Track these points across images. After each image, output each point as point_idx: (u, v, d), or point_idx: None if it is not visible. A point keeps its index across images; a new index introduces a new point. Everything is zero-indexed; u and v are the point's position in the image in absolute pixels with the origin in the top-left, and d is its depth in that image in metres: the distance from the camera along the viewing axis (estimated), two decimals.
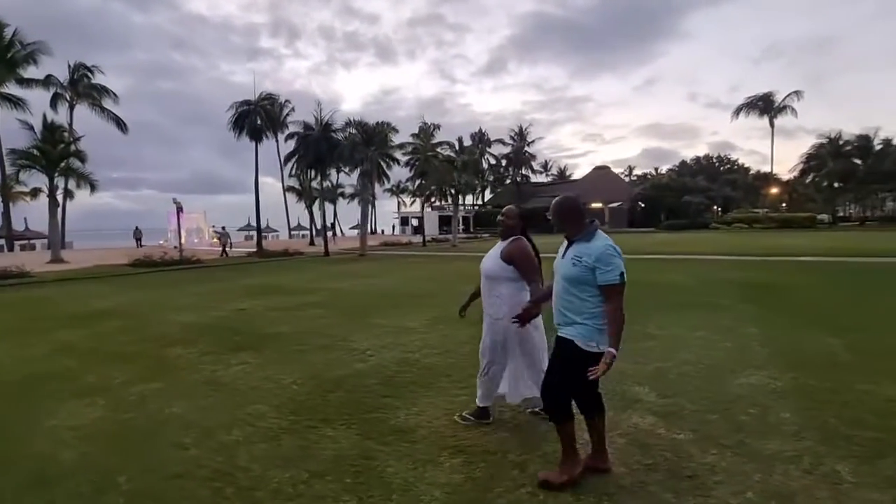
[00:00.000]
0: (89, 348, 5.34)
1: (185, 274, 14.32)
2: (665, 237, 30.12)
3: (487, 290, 3.03)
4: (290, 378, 4.12)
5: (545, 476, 2.38)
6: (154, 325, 6.53)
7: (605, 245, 2.22)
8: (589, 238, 2.27)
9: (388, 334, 5.64)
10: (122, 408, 3.53)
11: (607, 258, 2.18)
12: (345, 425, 3.13)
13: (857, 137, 42.80)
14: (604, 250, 2.20)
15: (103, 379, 4.21)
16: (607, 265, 2.18)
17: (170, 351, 5.13)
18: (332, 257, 19.78)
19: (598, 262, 2.19)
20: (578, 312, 2.27)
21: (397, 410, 3.36)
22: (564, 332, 2.33)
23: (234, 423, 3.21)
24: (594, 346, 2.24)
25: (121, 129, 33.65)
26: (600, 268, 2.18)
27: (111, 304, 8.42)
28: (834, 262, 12.86)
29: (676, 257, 15.64)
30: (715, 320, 5.99)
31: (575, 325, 2.28)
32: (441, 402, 3.47)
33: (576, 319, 2.27)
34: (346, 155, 18.09)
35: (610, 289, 2.19)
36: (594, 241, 2.25)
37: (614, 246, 2.23)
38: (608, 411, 3.21)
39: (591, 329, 2.25)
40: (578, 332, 2.26)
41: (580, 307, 2.26)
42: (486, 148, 56.00)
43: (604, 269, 2.18)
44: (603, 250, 2.20)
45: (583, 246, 2.26)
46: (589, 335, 2.25)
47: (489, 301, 3.02)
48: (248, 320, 6.73)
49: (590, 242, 2.26)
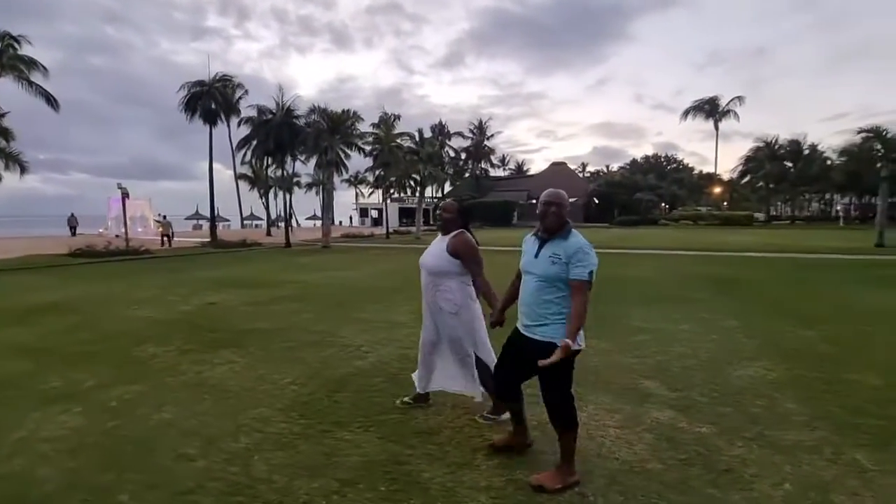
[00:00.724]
0: (43, 348, 4.79)
1: (135, 265, 13.29)
2: (620, 232, 31.31)
3: (433, 285, 2.95)
4: (286, 378, 3.85)
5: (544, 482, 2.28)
6: (114, 321, 5.97)
7: (582, 242, 2.25)
8: (566, 236, 2.28)
9: (377, 329, 5.44)
10: (105, 415, 3.16)
11: (583, 255, 2.21)
12: (362, 428, 2.94)
13: (789, 142, 46.28)
14: (580, 247, 2.23)
15: (70, 382, 3.77)
16: (581, 261, 2.20)
17: (141, 350, 4.68)
18: (293, 248, 19.04)
19: (572, 258, 2.21)
20: (557, 312, 2.25)
21: (414, 410, 3.21)
22: (541, 334, 2.28)
23: (238, 429, 2.94)
24: (577, 344, 2.23)
25: (51, 106, 30.73)
26: (574, 263, 2.20)
27: (57, 298, 7.64)
28: (780, 258, 13.83)
29: (637, 252, 16.24)
30: (693, 313, 6.22)
31: (553, 325, 2.26)
32: (456, 401, 3.35)
33: (553, 320, 2.26)
34: (311, 143, 17.37)
35: (579, 284, 2.21)
36: (570, 239, 2.27)
37: (589, 245, 2.25)
38: (627, 406, 3.27)
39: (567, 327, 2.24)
40: (558, 333, 2.23)
41: (556, 307, 2.25)
42: (447, 140, 56.01)
43: (577, 264, 2.20)
44: (580, 247, 2.22)
45: (559, 244, 2.26)
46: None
47: (440, 296, 2.93)
48: (221, 315, 6.29)
49: (567, 240, 2.26)
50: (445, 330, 2.97)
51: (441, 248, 2.94)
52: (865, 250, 15.70)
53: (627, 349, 4.60)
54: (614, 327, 5.45)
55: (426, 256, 3.01)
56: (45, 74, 32.98)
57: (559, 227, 2.29)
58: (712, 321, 5.78)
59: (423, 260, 3.04)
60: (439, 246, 2.97)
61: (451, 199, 3.38)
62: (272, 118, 17.76)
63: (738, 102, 42.90)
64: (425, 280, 3.00)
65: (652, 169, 63.40)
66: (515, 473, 2.43)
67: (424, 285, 3.02)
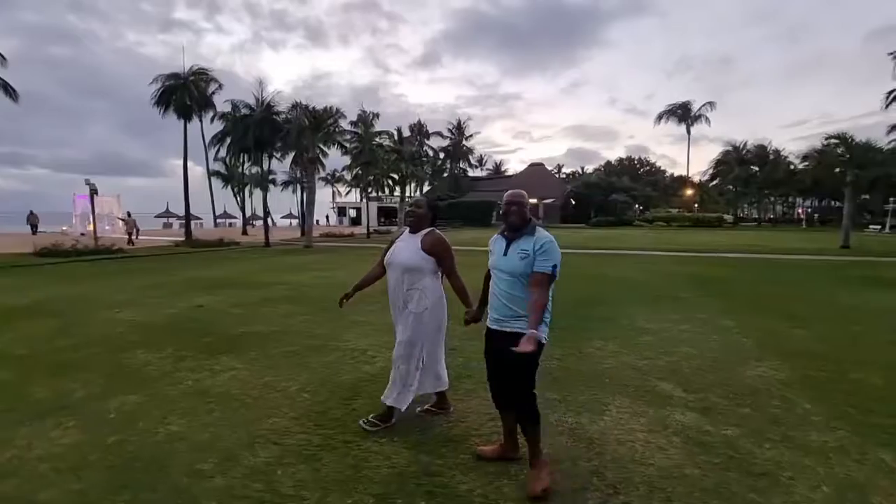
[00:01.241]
0: (23, 356, 4.46)
1: (109, 265, 12.66)
2: (598, 233, 31.83)
3: (407, 283, 2.86)
4: (294, 385, 3.69)
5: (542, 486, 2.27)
6: (96, 326, 5.63)
7: (547, 238, 2.33)
8: (532, 233, 2.36)
9: (379, 332, 5.29)
10: (103, 428, 2.94)
11: (548, 249, 2.29)
12: (387, 438, 2.83)
13: (755, 147, 48.08)
14: (546, 241, 2.31)
15: (59, 393, 3.51)
16: (546, 255, 2.28)
17: (131, 356, 4.42)
18: (274, 248, 18.55)
19: (538, 252, 2.29)
20: (523, 307, 2.31)
21: (435, 418, 3.11)
22: (513, 327, 2.34)
23: (254, 441, 2.78)
24: (544, 338, 2.30)
25: (10, 97, 29.23)
26: (539, 256, 2.28)
27: (29, 301, 7.18)
28: (754, 259, 14.28)
29: (617, 252, 16.50)
30: (689, 313, 6.31)
31: (521, 319, 2.31)
32: (478, 406, 3.27)
33: (521, 314, 2.32)
34: (292, 140, 16.94)
35: (541, 277, 2.28)
36: (536, 234, 2.35)
37: (553, 240, 2.34)
38: (649, 409, 3.25)
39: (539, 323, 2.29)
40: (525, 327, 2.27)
41: (523, 302, 2.31)
42: (425, 140, 55.79)
43: (542, 258, 2.28)
44: (545, 241, 2.31)
45: (527, 240, 2.34)
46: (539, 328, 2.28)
47: (409, 295, 2.86)
48: (213, 319, 6.02)
49: (533, 236, 2.35)
50: (406, 332, 2.88)
51: (415, 245, 2.87)
52: (831, 251, 16.41)
53: (634, 350, 4.61)
54: (618, 328, 5.47)
55: (398, 254, 2.91)
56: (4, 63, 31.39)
57: (522, 225, 2.38)
58: (708, 321, 5.87)
59: (393, 258, 2.92)
60: (411, 243, 2.89)
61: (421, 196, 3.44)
62: (251, 114, 17.22)
63: (709, 108, 44.29)
64: (396, 278, 2.91)
65: (626, 171, 64.80)
66: (553, 483, 2.37)
67: (394, 284, 2.92)
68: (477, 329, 2.83)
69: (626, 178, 53.78)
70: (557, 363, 4.22)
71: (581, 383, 3.73)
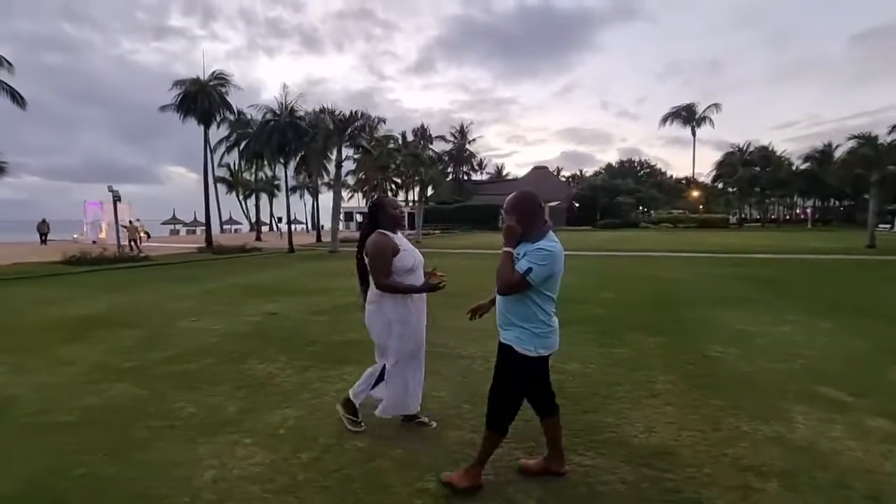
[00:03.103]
0: (133, 368, 4.29)
1: (144, 273, 12.43)
2: (609, 235, 31.87)
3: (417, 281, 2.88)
4: (440, 393, 3.56)
5: (449, 478, 2.32)
6: (184, 336, 5.46)
7: (541, 245, 2.12)
8: (538, 239, 2.15)
9: (481, 338, 5.15)
10: (285, 446, 2.78)
11: (535, 253, 2.09)
12: (592, 451, 2.70)
13: (757, 148, 48.46)
14: (537, 247, 2.11)
15: (208, 408, 3.34)
16: (529, 259, 2.09)
17: (250, 367, 4.26)
18: (298, 254, 18.35)
19: (527, 253, 2.11)
20: (516, 315, 2.21)
21: (623, 426, 2.99)
22: (504, 337, 2.28)
23: (451, 454, 2.64)
24: (532, 350, 2.20)
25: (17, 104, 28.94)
26: (524, 257, 2.11)
27: (94, 311, 6.98)
28: (790, 259, 14.20)
29: (646, 254, 16.46)
30: (775, 315, 6.23)
31: (513, 328, 2.23)
32: (653, 415, 3.16)
33: (514, 322, 2.22)
34: (320, 144, 16.78)
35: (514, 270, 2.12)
36: (540, 242, 2.14)
37: (551, 251, 2.11)
38: (835, 416, 3.15)
39: (528, 333, 2.20)
40: (515, 337, 2.21)
41: (518, 310, 2.21)
42: (428, 144, 55.78)
43: (525, 259, 2.10)
44: (537, 247, 2.11)
45: (528, 245, 2.15)
46: (526, 339, 2.20)
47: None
48: (298, 327, 5.86)
49: (534, 243, 2.14)
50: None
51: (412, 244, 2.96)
52: (859, 251, 16.44)
53: (759, 354, 4.52)
54: (721, 331, 5.38)
55: (417, 255, 2.90)
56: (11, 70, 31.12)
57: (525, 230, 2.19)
58: (803, 323, 5.78)
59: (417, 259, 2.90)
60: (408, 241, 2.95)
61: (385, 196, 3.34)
62: (276, 119, 17.05)
63: (714, 109, 44.61)
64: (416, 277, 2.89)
65: (627, 173, 65.11)
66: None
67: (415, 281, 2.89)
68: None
69: (630, 180, 53.96)
70: (693, 368, 4.12)
71: (737, 389, 3.62)
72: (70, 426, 3.07)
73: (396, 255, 2.78)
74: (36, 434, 2.96)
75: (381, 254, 2.77)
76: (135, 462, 2.62)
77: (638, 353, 4.59)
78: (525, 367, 2.23)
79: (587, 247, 20.02)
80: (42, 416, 3.22)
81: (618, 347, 4.78)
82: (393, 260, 2.76)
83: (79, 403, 3.45)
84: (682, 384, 3.74)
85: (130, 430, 3.02)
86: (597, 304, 7.14)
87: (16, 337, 5.46)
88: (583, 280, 10.02)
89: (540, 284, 2.12)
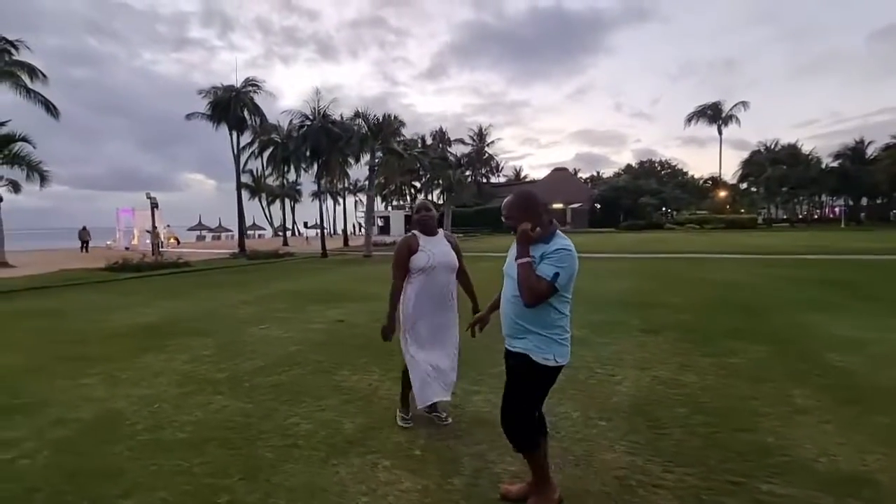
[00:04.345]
0: (223, 380, 4.11)
1: (188, 279, 12.44)
2: (638, 237, 31.27)
3: (451, 282, 3.00)
4: (568, 408, 3.31)
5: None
6: (257, 344, 5.28)
7: (560, 247, 1.98)
8: (548, 240, 2.01)
9: (577, 343, 4.91)
10: (430, 469, 2.55)
11: (558, 256, 1.95)
12: (777, 478, 2.41)
13: (786, 147, 47.25)
14: (557, 249, 1.97)
15: (320, 424, 3.14)
16: (550, 260, 1.95)
17: (344, 378, 4.05)
18: (333, 259, 18.27)
19: (546, 257, 1.96)
20: (532, 322, 2.03)
21: (793, 448, 2.69)
22: (516, 346, 2.09)
23: (623, 489, 2.39)
24: (551, 359, 2.02)
25: (51, 114, 29.62)
26: (545, 261, 1.96)
27: (156, 319, 6.88)
28: (852, 260, 13.39)
29: (688, 256, 15.94)
30: (873, 320, 5.83)
31: (528, 336, 2.04)
32: (816, 435, 2.86)
33: (530, 329, 2.04)
34: (356, 148, 16.69)
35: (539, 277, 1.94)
36: (552, 243, 2.00)
37: (571, 250, 1.98)
38: None
39: (546, 340, 2.03)
40: (533, 345, 2.03)
41: (534, 316, 2.02)
42: (447, 147, 55.68)
43: (546, 262, 1.95)
44: (556, 249, 1.97)
45: (540, 247, 2.01)
46: (545, 347, 2.03)
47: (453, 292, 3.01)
48: (373, 335, 5.63)
49: (548, 244, 2.00)
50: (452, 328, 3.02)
51: (447, 245, 3.00)
52: None
53: (888, 364, 4.17)
54: (823, 338, 5.02)
55: (442, 256, 2.94)
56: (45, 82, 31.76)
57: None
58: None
59: (439, 260, 2.92)
60: (441, 244, 2.99)
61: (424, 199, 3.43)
62: (310, 123, 17.02)
63: (741, 108, 43.51)
64: (445, 279, 2.95)
65: (650, 174, 64.13)
66: None
67: (443, 285, 2.94)
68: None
69: (654, 181, 53.09)
70: (824, 380, 3.80)
71: (893, 404, 3.30)
72: (189, 444, 2.90)
73: (414, 254, 2.90)
74: (157, 453, 2.79)
75: (396, 254, 2.96)
76: (276, 486, 2.43)
77: (752, 363, 4.28)
78: (543, 378, 2.07)
79: (624, 249, 19.60)
80: (157, 433, 3.05)
81: (726, 357, 4.47)
82: (410, 259, 2.89)
83: (187, 418, 3.28)
84: (824, 398, 3.43)
85: (254, 450, 2.83)
86: (671, 308, 6.82)
87: (93, 346, 5.36)
88: (640, 283, 9.68)
89: (563, 287, 1.97)
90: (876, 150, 42.13)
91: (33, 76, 30.00)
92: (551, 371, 2.05)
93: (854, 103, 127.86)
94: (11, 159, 16.00)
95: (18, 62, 29.04)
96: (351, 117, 16.90)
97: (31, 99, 29.67)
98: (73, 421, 3.27)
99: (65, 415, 3.37)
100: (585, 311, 6.59)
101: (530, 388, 2.09)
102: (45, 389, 3.91)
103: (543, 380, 2.07)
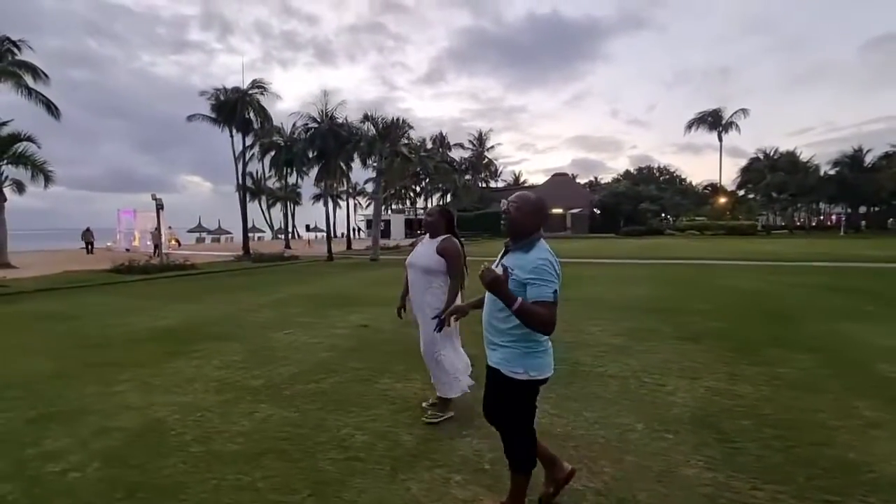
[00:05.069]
0: (261, 387, 3.96)
1: (198, 282, 12.25)
2: (641, 242, 31.29)
3: (425, 284, 3.11)
4: (631, 420, 3.20)
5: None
6: (286, 350, 5.14)
7: (541, 258, 1.89)
8: (528, 248, 1.93)
9: (612, 352, 4.81)
10: None
11: (542, 271, 1.85)
12: (874, 497, 2.31)
13: (785, 154, 47.57)
14: (539, 264, 1.87)
15: (381, 436, 3.01)
16: (541, 279, 1.84)
17: (387, 386, 3.93)
18: (339, 262, 18.11)
19: (531, 275, 1.85)
20: (502, 333, 1.97)
21: (879, 464, 2.59)
22: (490, 360, 2.06)
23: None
24: (521, 372, 1.94)
25: (52, 115, 29.38)
26: (534, 281, 1.84)
27: (174, 322, 6.73)
28: (867, 268, 13.27)
29: (699, 262, 15.89)
30: None
31: (498, 349, 1.99)
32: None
33: (497, 343, 1.99)
34: (364, 150, 16.60)
35: (541, 304, 1.82)
36: (531, 253, 1.91)
37: (552, 260, 1.91)
38: None
39: (516, 353, 1.95)
40: (501, 358, 1.98)
41: (504, 327, 1.96)
42: (447, 152, 55.65)
43: (538, 283, 1.84)
44: (538, 264, 1.87)
45: (518, 256, 1.93)
46: (514, 360, 1.95)
47: (430, 294, 3.10)
48: (403, 340, 5.48)
49: (527, 253, 1.92)
50: (425, 329, 3.13)
51: (430, 249, 3.12)
52: None
53: None
54: (869, 348, 4.94)
55: (416, 257, 3.20)
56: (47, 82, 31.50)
57: (518, 234, 1.98)
58: None
59: (412, 260, 3.22)
60: (429, 247, 3.14)
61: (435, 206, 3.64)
62: (318, 126, 16.91)
63: (742, 115, 43.80)
64: (415, 277, 3.17)
65: (647, 180, 64.37)
66: None
67: (413, 282, 3.19)
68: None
69: (653, 187, 53.27)
70: (882, 391, 3.70)
71: None
72: (245, 456, 2.76)
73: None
74: (214, 466, 2.65)
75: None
76: (348, 503, 2.30)
77: (803, 373, 4.18)
78: (517, 392, 1.99)
79: (630, 255, 19.56)
80: (208, 444, 2.91)
81: (774, 366, 4.37)
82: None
83: (236, 428, 3.14)
84: (893, 412, 3.33)
85: (314, 462, 2.70)
86: (701, 315, 6.73)
87: (117, 350, 5.20)
88: (659, 290, 9.60)
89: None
90: (874, 159, 42.52)
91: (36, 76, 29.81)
92: (525, 385, 1.96)
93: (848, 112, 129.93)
94: (16, 159, 15.77)
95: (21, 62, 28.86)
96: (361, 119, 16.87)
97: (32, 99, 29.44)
98: (116, 430, 3.13)
99: (106, 423, 3.22)
100: (616, 318, 6.51)
101: (509, 403, 2.02)
102: (78, 396, 3.76)
103: (518, 395, 1.98)
